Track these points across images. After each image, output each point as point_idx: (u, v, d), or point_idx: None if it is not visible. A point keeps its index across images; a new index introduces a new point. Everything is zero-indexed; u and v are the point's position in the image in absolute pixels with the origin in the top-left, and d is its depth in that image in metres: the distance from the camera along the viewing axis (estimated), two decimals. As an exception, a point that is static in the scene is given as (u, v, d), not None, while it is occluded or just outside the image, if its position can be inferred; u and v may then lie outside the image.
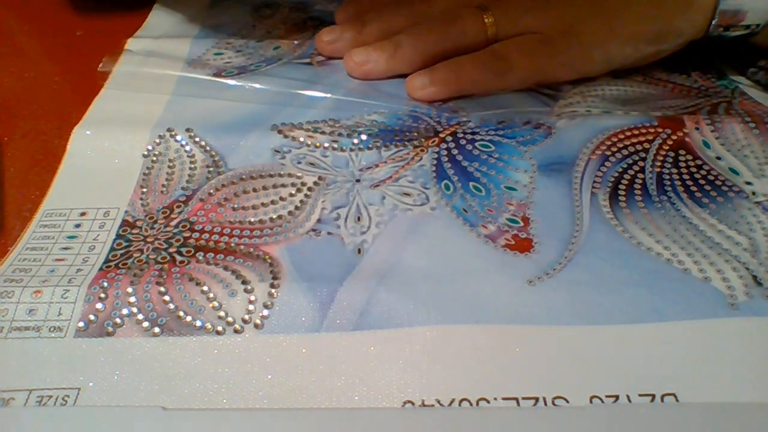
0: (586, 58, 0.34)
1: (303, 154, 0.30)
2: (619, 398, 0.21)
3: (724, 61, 0.36)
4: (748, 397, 0.21)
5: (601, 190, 0.28)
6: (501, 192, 0.28)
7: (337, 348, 0.22)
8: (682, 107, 0.33)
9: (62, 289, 0.23)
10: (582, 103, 0.33)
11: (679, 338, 0.22)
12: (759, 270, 0.24)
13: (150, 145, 0.30)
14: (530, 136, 0.31)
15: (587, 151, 0.30)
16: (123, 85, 0.34)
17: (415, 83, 0.34)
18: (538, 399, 0.21)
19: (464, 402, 0.21)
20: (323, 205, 0.28)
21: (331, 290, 0.24)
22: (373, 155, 0.30)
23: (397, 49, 0.35)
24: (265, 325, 0.23)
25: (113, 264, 0.25)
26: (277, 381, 0.21)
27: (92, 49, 0.38)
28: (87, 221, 0.27)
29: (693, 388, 0.21)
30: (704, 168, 0.29)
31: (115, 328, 0.23)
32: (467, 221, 0.27)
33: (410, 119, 0.32)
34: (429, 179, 0.29)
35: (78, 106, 0.33)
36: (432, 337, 0.22)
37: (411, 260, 0.25)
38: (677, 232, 0.26)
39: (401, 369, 0.21)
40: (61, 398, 0.21)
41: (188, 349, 0.22)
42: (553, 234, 0.26)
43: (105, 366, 0.22)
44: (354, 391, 0.21)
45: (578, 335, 0.22)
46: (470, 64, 0.33)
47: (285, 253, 0.25)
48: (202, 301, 0.23)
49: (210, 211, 0.27)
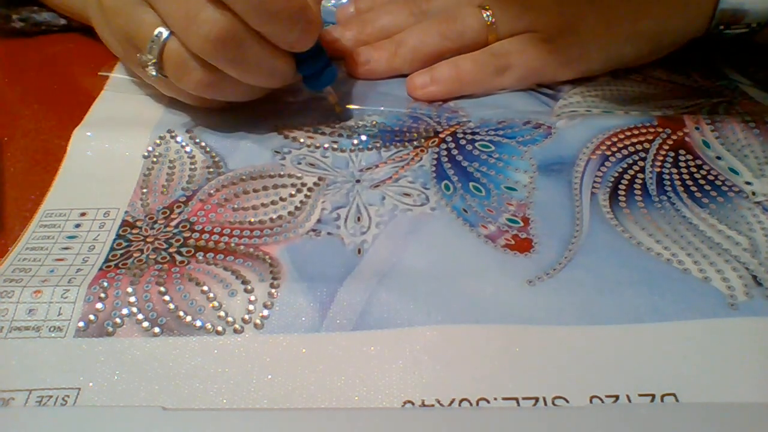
0: (585, 57, 0.34)
1: (303, 155, 0.30)
2: (619, 398, 0.21)
3: (724, 61, 0.36)
4: (748, 397, 0.21)
5: (601, 190, 0.28)
6: (501, 192, 0.28)
7: (337, 348, 0.22)
8: (682, 107, 0.33)
9: (62, 289, 0.23)
10: (582, 103, 0.33)
11: (679, 338, 0.22)
12: (759, 270, 0.24)
13: (150, 146, 0.30)
14: (530, 136, 0.31)
15: (587, 151, 0.30)
16: (123, 88, 0.34)
17: (415, 82, 0.34)
18: (538, 399, 0.21)
19: (464, 402, 0.21)
20: (323, 205, 0.28)
21: (331, 290, 0.24)
22: (373, 156, 0.30)
23: (397, 49, 0.35)
24: (265, 325, 0.23)
25: (113, 264, 0.25)
26: (277, 381, 0.21)
27: (93, 50, 0.38)
28: (87, 221, 0.27)
29: (693, 388, 0.21)
30: (704, 168, 0.29)
31: (115, 328, 0.23)
32: (467, 221, 0.27)
33: (410, 120, 0.32)
34: (429, 179, 0.29)
35: (78, 107, 0.33)
36: (432, 337, 0.22)
37: (411, 260, 0.25)
38: (677, 232, 0.26)
39: (401, 369, 0.21)
40: (61, 398, 0.21)
41: (188, 349, 0.22)
42: (553, 234, 0.26)
43: (105, 366, 0.22)
44: (354, 391, 0.21)
45: (578, 335, 0.22)
46: (470, 63, 0.33)
47: (285, 253, 0.25)
48: (202, 301, 0.23)
49: (210, 211, 0.27)
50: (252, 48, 0.27)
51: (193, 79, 0.28)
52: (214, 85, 0.28)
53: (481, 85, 0.34)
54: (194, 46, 0.26)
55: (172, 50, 0.27)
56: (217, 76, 0.28)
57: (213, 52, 0.26)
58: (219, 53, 0.26)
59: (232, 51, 0.27)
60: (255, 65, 0.28)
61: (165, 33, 0.27)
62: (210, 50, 0.26)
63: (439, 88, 0.33)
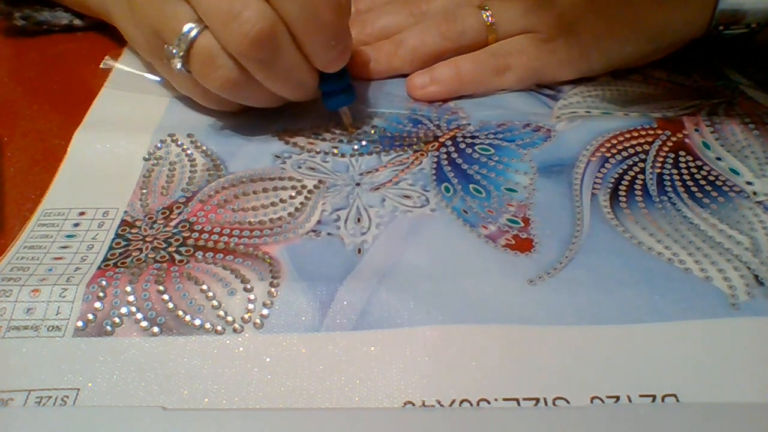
0: (585, 58, 0.34)
1: (303, 159, 0.30)
2: (619, 399, 0.21)
3: (724, 61, 0.36)
4: (748, 397, 0.21)
5: (601, 191, 0.28)
6: (501, 193, 0.28)
7: (337, 348, 0.22)
8: (681, 107, 0.33)
9: (60, 288, 0.23)
10: (582, 103, 0.33)
11: (680, 338, 0.22)
12: (761, 269, 0.24)
13: (151, 148, 0.30)
14: (530, 139, 0.31)
15: (587, 153, 0.30)
16: (123, 85, 0.34)
17: (415, 83, 0.34)
18: (539, 399, 0.21)
19: (465, 402, 0.21)
20: (323, 207, 0.28)
21: (331, 290, 0.24)
22: (373, 160, 0.30)
23: (397, 49, 0.35)
24: (264, 325, 0.23)
25: (112, 263, 0.25)
26: (277, 381, 0.21)
27: (93, 50, 0.38)
28: (86, 221, 0.27)
29: (694, 389, 0.21)
30: (705, 168, 0.29)
31: (113, 327, 0.23)
32: (467, 222, 0.27)
33: (410, 123, 0.32)
34: (429, 182, 0.29)
35: (78, 107, 0.33)
36: (432, 337, 0.22)
37: (411, 260, 0.25)
38: (678, 232, 0.26)
39: (401, 369, 0.21)
40: (60, 399, 0.21)
41: (188, 348, 0.22)
42: (553, 234, 0.26)
43: (104, 366, 0.22)
44: (354, 391, 0.21)
45: (579, 335, 0.22)
46: (470, 63, 0.33)
47: (285, 253, 0.25)
48: (201, 300, 0.23)
49: (210, 212, 0.27)
50: (287, 54, 0.27)
51: (219, 77, 0.28)
52: (237, 86, 0.28)
53: (481, 85, 0.34)
54: (231, 42, 0.26)
55: (203, 46, 0.27)
56: (242, 77, 0.28)
57: (249, 51, 0.26)
58: (255, 53, 0.26)
59: (268, 53, 0.26)
60: (284, 73, 0.28)
61: (197, 28, 0.27)
62: (246, 48, 0.26)
63: (439, 89, 0.33)
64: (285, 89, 0.29)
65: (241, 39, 0.26)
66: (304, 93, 0.30)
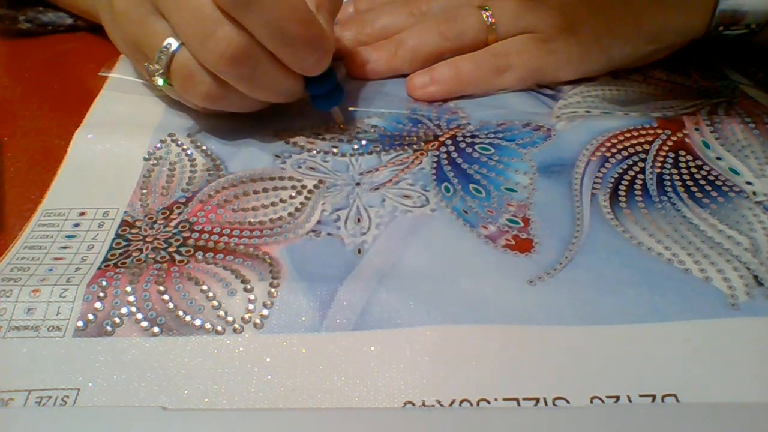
0: (585, 58, 0.34)
1: (303, 159, 0.30)
2: (619, 399, 0.21)
3: (724, 61, 0.36)
4: (748, 397, 0.21)
5: (601, 191, 0.28)
6: (501, 193, 0.28)
7: (337, 348, 0.22)
8: (681, 107, 0.33)
9: (61, 288, 0.23)
10: (582, 103, 0.33)
11: (680, 338, 0.22)
12: (760, 270, 0.24)
13: (151, 148, 0.30)
14: (530, 139, 0.31)
15: (587, 152, 0.30)
16: (122, 87, 0.34)
17: (415, 82, 0.34)
18: (539, 399, 0.21)
19: (465, 402, 0.21)
20: (323, 207, 0.28)
21: (331, 290, 0.24)
22: (373, 159, 0.30)
23: (397, 49, 0.35)
24: (264, 325, 0.23)
25: (112, 263, 0.25)
26: (277, 381, 0.21)
27: (93, 50, 0.38)
28: (86, 221, 0.27)
29: (694, 389, 0.21)
30: (704, 168, 0.29)
31: (114, 327, 0.23)
32: (467, 222, 0.27)
33: (410, 123, 0.32)
34: (429, 182, 0.29)
35: (79, 107, 0.33)
36: (432, 338, 0.22)
37: (411, 260, 0.25)
38: (678, 232, 0.26)
39: (401, 369, 0.21)
40: (60, 399, 0.21)
41: (188, 348, 0.22)
42: (553, 234, 0.26)
43: (104, 366, 0.22)
44: (354, 391, 0.21)
45: (579, 335, 0.22)
46: (470, 63, 0.33)
47: (285, 253, 0.25)
48: (201, 301, 0.23)
49: (210, 212, 0.27)
50: (265, 67, 0.27)
51: (200, 92, 0.28)
52: (220, 99, 0.28)
53: (480, 85, 0.34)
54: (207, 61, 0.26)
55: (181, 62, 0.27)
56: (224, 90, 0.28)
57: (226, 69, 0.26)
58: (232, 70, 0.26)
59: (245, 69, 0.27)
60: (265, 83, 0.28)
61: (174, 44, 0.27)
62: (223, 67, 0.26)
63: (439, 89, 0.33)
64: (269, 97, 0.29)
65: (218, 58, 0.26)
66: (289, 97, 0.30)
